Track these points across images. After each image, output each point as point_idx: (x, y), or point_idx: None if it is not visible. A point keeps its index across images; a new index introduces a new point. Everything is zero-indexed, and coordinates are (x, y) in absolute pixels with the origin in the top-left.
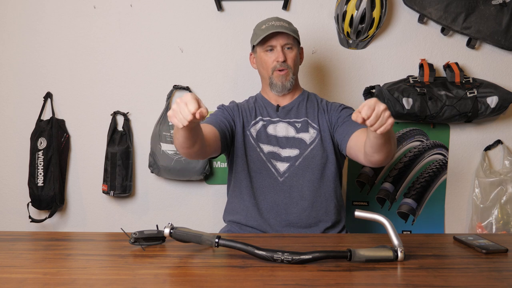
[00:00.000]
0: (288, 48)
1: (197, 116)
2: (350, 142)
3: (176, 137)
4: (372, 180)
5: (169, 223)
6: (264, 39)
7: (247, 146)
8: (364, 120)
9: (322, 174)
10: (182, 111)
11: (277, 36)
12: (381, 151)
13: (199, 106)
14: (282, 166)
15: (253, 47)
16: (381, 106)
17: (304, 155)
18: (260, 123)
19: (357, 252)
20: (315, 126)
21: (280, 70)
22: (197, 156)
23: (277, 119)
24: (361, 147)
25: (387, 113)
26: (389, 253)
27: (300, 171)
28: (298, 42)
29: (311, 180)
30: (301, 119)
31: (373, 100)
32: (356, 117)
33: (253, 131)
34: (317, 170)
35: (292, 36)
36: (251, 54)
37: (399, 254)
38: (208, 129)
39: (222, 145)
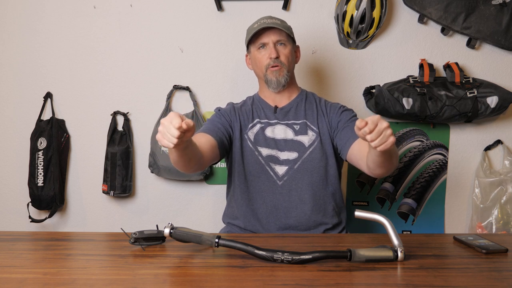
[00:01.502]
0: (281, 44)
1: (184, 126)
2: (351, 150)
3: (171, 157)
4: (372, 180)
5: (169, 223)
6: (256, 36)
7: (245, 150)
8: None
9: (322, 177)
10: (168, 130)
11: (269, 32)
12: (384, 166)
13: (183, 120)
14: (281, 170)
15: (248, 47)
16: (384, 123)
17: (303, 158)
18: (258, 126)
19: (357, 252)
20: (314, 128)
21: (273, 67)
22: (194, 170)
23: (275, 121)
24: (363, 156)
25: (389, 131)
26: (389, 253)
27: (299, 174)
28: (293, 40)
29: (311, 183)
30: (300, 121)
31: (376, 117)
32: (357, 129)
33: (251, 134)
34: (316, 173)
35: (285, 33)
36: (246, 56)
37: (399, 254)
38: (204, 139)
39: (221, 152)
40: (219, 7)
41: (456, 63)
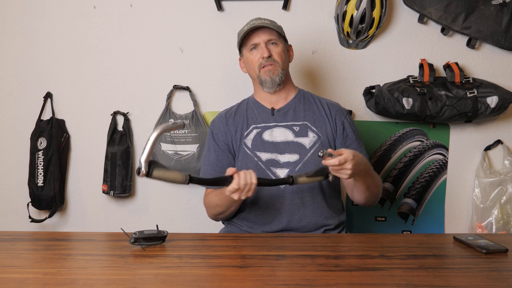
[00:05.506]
0: (273, 43)
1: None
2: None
3: (231, 209)
4: None
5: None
6: (247, 38)
7: (244, 157)
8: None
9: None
10: (247, 185)
11: (259, 32)
12: (358, 192)
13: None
14: (282, 173)
15: (240, 51)
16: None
17: (305, 160)
18: (254, 132)
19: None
20: (315, 130)
21: (266, 66)
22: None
23: (273, 123)
24: (349, 191)
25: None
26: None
27: None
28: (285, 39)
29: (312, 186)
30: (300, 123)
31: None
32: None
33: (248, 141)
34: None
35: (275, 32)
36: (240, 59)
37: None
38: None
39: None
40: (219, 7)
41: (456, 63)
